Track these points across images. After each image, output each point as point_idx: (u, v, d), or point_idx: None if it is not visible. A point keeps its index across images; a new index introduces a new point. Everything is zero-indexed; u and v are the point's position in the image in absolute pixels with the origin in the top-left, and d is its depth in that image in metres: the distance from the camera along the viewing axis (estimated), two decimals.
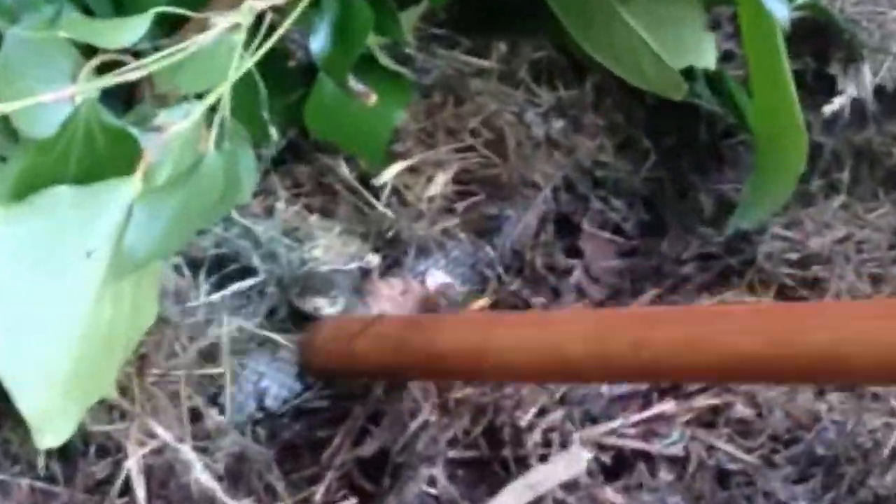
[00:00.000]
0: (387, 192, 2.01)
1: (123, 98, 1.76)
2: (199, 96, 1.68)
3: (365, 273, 1.91)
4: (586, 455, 1.74)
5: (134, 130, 1.61)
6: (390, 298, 1.89)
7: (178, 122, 1.63)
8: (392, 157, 2.03)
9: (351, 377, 1.87)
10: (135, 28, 1.68)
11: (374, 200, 2.00)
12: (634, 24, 1.99)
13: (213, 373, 1.73)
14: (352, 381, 1.89)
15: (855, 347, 1.38)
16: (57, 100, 1.61)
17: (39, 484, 1.59)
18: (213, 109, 1.66)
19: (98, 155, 1.58)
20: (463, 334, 1.78)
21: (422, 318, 1.92)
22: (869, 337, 1.39)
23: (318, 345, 1.87)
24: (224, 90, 1.67)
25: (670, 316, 1.72)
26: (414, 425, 1.78)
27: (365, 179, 2.01)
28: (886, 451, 1.79)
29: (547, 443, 1.77)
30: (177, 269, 1.79)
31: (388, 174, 2.00)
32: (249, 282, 1.86)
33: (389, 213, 1.99)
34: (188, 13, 1.75)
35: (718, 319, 1.60)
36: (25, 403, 1.50)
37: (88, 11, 1.83)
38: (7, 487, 1.58)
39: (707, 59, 2.01)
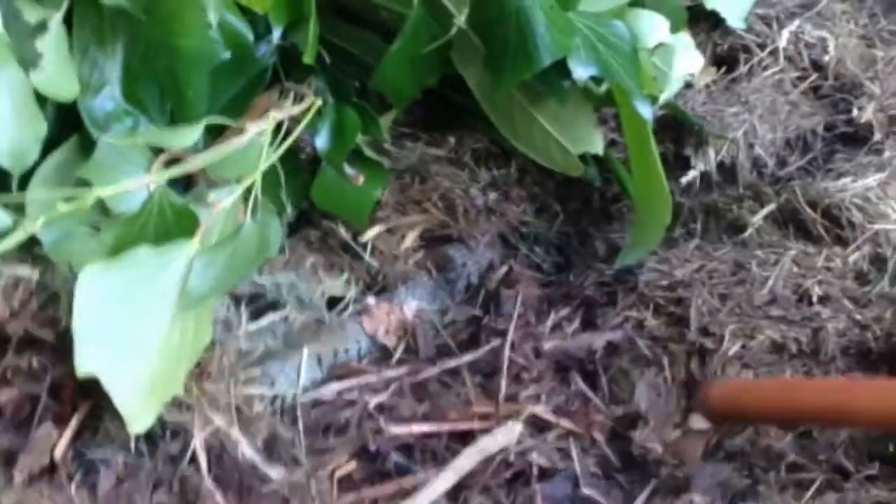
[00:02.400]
0: (370, 246, 2.02)
1: (184, 183, 1.77)
2: (238, 181, 1.70)
3: (365, 306, 1.93)
4: (518, 427, 1.75)
5: (193, 207, 1.64)
6: (381, 318, 1.91)
7: (224, 200, 1.66)
8: (375, 221, 2.03)
9: (737, 421, 1.85)
10: (191, 134, 1.70)
11: (362, 252, 2.00)
12: (544, 123, 2.01)
13: (251, 377, 1.73)
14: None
15: None
16: (137, 186, 1.65)
17: (130, 459, 1.60)
18: (248, 190, 1.69)
19: (168, 224, 1.61)
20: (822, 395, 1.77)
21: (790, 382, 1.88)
22: None
23: (713, 397, 1.82)
24: (256, 177, 1.70)
25: None
26: None
27: (356, 237, 2.01)
28: None
29: None
30: (225, 305, 1.80)
31: (371, 233, 2.01)
32: (279, 314, 1.86)
33: (374, 261, 2.00)
34: (229, 122, 1.80)
35: None
36: (120, 401, 1.52)
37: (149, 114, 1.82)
38: (108, 462, 1.59)
39: (597, 146, 2.02)
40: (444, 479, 1.66)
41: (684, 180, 2.19)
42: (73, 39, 1.74)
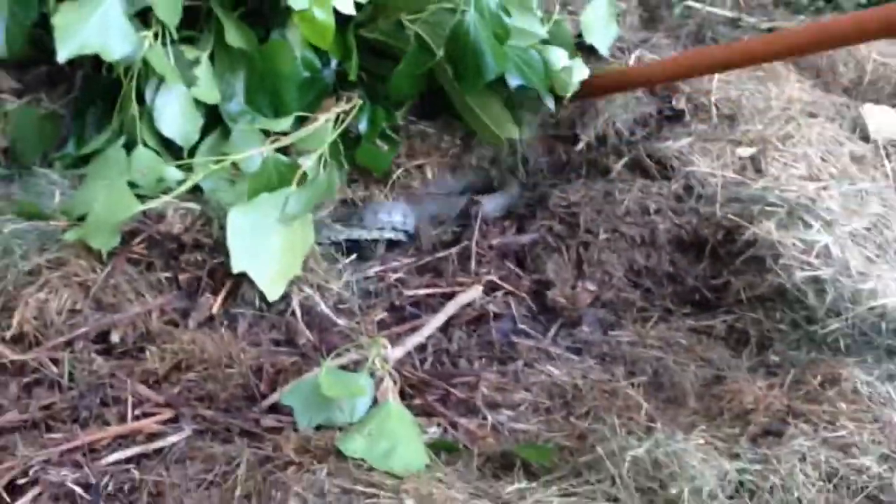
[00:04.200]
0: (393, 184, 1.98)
1: (283, 152, 1.74)
2: (315, 150, 1.73)
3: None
4: (480, 289, 1.77)
5: (290, 165, 1.67)
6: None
7: (308, 161, 1.69)
8: (394, 171, 1.97)
9: None
10: (287, 122, 1.76)
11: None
12: (483, 117, 1.98)
13: (326, 269, 1.69)
14: None
15: None
16: (257, 154, 1.69)
17: (256, 313, 1.59)
18: (321, 156, 1.72)
19: (277, 176, 1.65)
20: None
21: None
22: None
23: None
24: (325, 147, 1.74)
25: None
26: None
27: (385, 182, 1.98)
28: None
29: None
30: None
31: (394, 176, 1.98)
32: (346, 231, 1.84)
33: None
34: (309, 115, 1.81)
35: None
36: (260, 282, 1.57)
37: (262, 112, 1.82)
38: (244, 315, 1.59)
39: (513, 133, 1.99)
40: (438, 320, 1.68)
41: (577, 147, 2.11)
42: (215, 68, 1.78)
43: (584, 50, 2.21)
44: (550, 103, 1.95)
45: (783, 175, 1.90)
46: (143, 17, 1.69)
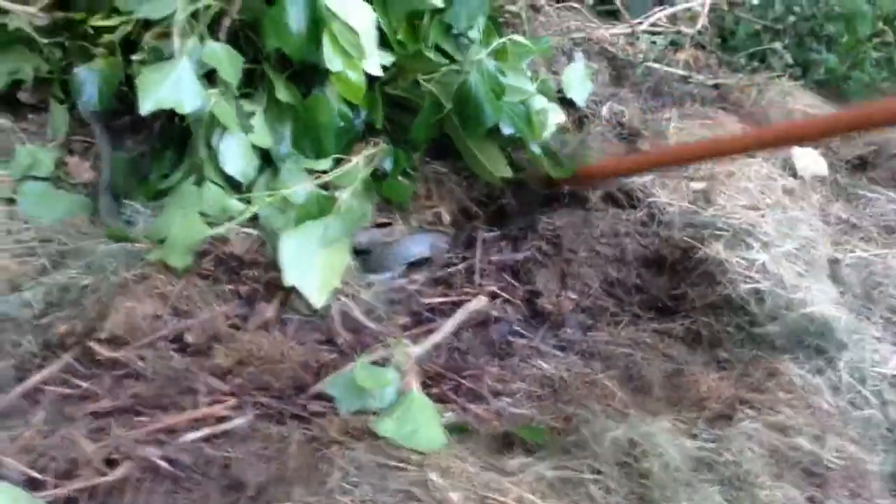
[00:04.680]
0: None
1: (324, 187, 1.74)
2: (349, 185, 1.73)
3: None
4: (484, 299, 1.74)
5: (329, 198, 1.67)
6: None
7: (343, 194, 1.70)
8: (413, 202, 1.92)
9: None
10: (327, 163, 1.75)
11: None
12: (482, 158, 1.93)
13: (359, 282, 1.68)
14: None
15: None
16: (303, 189, 1.69)
17: (300, 317, 1.59)
18: (354, 189, 1.72)
19: (321, 206, 1.66)
20: None
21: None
22: None
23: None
24: (357, 182, 1.74)
25: None
26: None
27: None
28: None
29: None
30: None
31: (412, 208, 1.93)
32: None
33: (415, 221, 1.91)
34: (344, 157, 1.79)
35: None
36: (306, 291, 1.57)
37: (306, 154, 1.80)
38: (291, 319, 1.59)
39: (506, 172, 1.93)
40: (451, 324, 1.66)
41: None
42: (267, 118, 1.76)
43: (564, 103, 2.21)
44: (535, 148, 1.92)
45: (728, 205, 1.90)
46: (209, 77, 1.69)
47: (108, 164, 1.82)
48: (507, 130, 1.88)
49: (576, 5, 2.67)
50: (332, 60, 1.69)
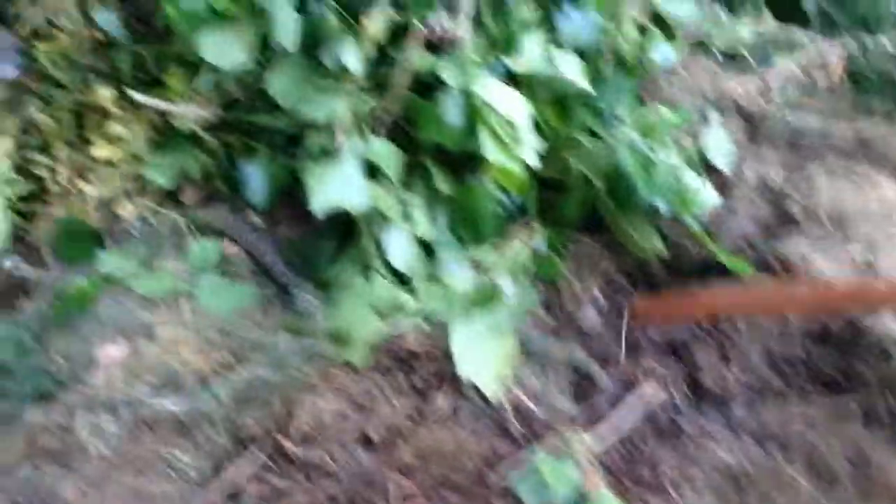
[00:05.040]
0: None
1: (485, 272, 1.76)
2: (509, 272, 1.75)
3: None
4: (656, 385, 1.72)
5: (491, 288, 1.69)
6: None
7: (506, 283, 1.70)
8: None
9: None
10: (487, 249, 1.76)
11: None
12: (633, 234, 1.90)
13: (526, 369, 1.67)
14: None
15: None
16: (466, 277, 1.71)
17: (478, 408, 1.59)
18: (514, 274, 1.74)
19: (485, 294, 1.66)
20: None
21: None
22: None
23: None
24: (517, 267, 1.76)
25: None
26: None
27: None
28: None
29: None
30: None
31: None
32: None
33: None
34: (499, 240, 1.79)
35: None
36: (481, 383, 1.58)
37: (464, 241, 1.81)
38: (460, 411, 1.59)
39: (660, 246, 1.89)
40: (626, 419, 1.62)
41: None
42: (426, 208, 1.78)
43: (706, 166, 2.14)
44: (690, 222, 1.90)
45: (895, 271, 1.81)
46: (370, 170, 1.73)
47: (271, 254, 1.88)
48: (661, 207, 1.87)
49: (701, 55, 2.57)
50: (489, 150, 1.71)
